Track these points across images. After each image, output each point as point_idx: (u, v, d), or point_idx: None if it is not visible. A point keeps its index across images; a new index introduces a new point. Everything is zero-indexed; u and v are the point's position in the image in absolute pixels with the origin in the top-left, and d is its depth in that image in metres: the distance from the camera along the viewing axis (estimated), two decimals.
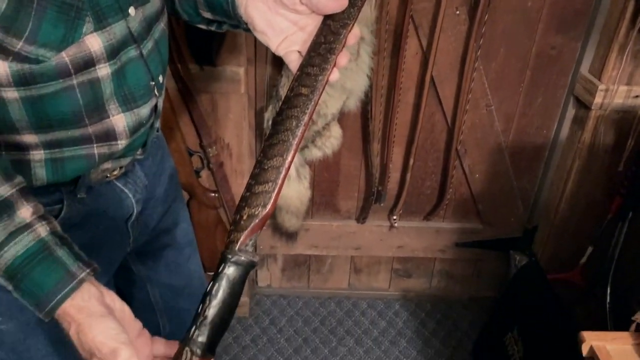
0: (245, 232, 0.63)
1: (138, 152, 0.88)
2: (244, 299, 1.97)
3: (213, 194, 1.69)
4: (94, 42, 0.69)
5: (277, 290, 2.10)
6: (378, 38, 1.52)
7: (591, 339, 0.91)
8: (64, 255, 0.66)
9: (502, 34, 1.57)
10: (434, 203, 1.90)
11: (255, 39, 1.56)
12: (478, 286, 2.10)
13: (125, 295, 1.15)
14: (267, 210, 0.63)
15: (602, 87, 1.49)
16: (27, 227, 0.64)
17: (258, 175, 0.65)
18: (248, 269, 0.64)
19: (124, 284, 1.13)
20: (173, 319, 1.22)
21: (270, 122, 1.58)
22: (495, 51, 1.60)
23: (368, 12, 1.42)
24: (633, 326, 1.00)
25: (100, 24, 0.69)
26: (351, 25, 0.70)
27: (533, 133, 1.76)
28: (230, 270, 0.62)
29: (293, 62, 0.75)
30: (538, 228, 1.88)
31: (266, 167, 0.65)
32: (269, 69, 1.62)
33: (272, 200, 0.64)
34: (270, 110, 1.59)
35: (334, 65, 0.70)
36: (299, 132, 0.66)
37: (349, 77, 1.49)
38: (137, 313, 1.20)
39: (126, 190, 0.89)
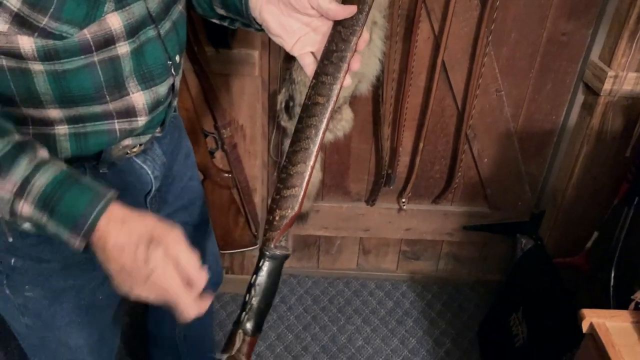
0: (279, 231, 0.74)
1: (157, 130, 0.91)
2: None
3: (227, 175, 1.73)
4: (114, 21, 0.72)
5: (287, 270, 2.14)
6: (390, 22, 1.55)
7: (591, 316, 0.95)
8: (89, 182, 0.70)
9: (514, 20, 1.59)
10: (443, 186, 1.93)
11: None
12: (484, 269, 2.13)
13: None
14: (296, 211, 0.73)
15: (611, 73, 1.51)
16: (49, 161, 0.68)
17: (285, 180, 0.74)
18: (283, 261, 0.75)
19: None
20: None
21: (283, 105, 1.62)
22: (506, 36, 1.62)
23: None
24: (632, 304, 1.03)
25: (120, 4, 0.72)
26: (360, 31, 0.74)
27: (542, 119, 1.78)
28: (268, 264, 0.74)
29: (308, 65, 0.80)
30: (545, 213, 1.91)
31: (292, 173, 0.74)
32: (283, 52, 1.65)
33: (299, 203, 0.74)
34: (283, 93, 1.62)
35: (347, 72, 0.75)
36: (318, 140, 0.73)
37: (361, 61, 1.51)
38: None
39: (145, 167, 0.93)
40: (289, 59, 1.61)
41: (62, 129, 0.77)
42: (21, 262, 0.87)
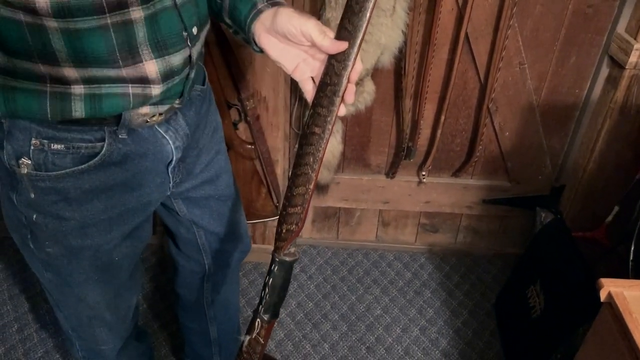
0: (285, 242, 0.88)
1: (176, 102, 0.92)
2: None
3: (249, 146, 1.76)
4: None
5: (307, 241, 2.19)
6: None
7: (609, 285, 0.96)
8: None
9: None
10: (463, 160, 1.94)
11: None
12: (503, 242, 2.15)
13: (174, 233, 1.24)
14: (299, 227, 0.87)
15: (637, 46, 1.49)
16: None
17: (290, 198, 0.86)
18: (291, 265, 0.91)
19: (173, 224, 1.21)
20: (218, 260, 1.30)
21: None
22: (531, 8, 1.60)
23: None
24: None
25: None
26: (351, 66, 0.78)
27: (565, 92, 1.77)
28: (278, 268, 0.90)
29: (308, 92, 0.85)
30: (565, 187, 1.91)
31: (295, 193, 0.85)
32: None
33: (301, 220, 0.86)
34: None
35: (341, 104, 0.80)
36: (316, 166, 0.82)
37: (384, 33, 1.51)
38: (185, 250, 1.30)
39: (167, 137, 0.95)
40: None
41: (77, 89, 0.78)
42: (42, 218, 0.90)
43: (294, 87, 1.78)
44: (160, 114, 0.90)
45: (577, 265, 1.61)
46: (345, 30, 0.77)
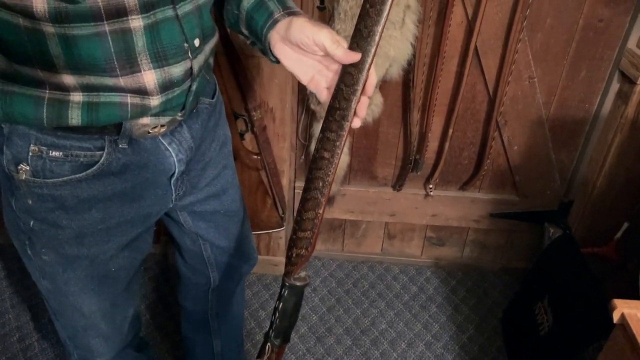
0: (296, 266, 0.87)
1: (179, 114, 0.90)
2: (280, 258, 2.04)
3: (255, 156, 1.74)
4: None
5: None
6: (424, 6, 1.54)
7: (622, 307, 0.94)
8: None
9: (549, 5, 1.56)
10: (471, 173, 1.92)
11: (302, 5, 1.59)
12: (510, 257, 2.13)
13: (179, 244, 1.23)
14: (309, 251, 0.86)
15: None
16: None
17: (300, 222, 0.85)
18: (302, 290, 0.90)
19: (179, 236, 1.20)
20: (223, 273, 1.29)
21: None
22: (541, 22, 1.59)
23: None
24: None
25: None
26: (360, 91, 0.78)
27: (575, 106, 1.75)
28: (289, 293, 0.90)
29: (325, 102, 0.84)
30: (574, 202, 1.89)
31: (304, 218, 0.84)
32: None
33: (311, 245, 0.85)
34: None
35: (349, 130, 0.80)
36: (325, 191, 0.82)
37: (392, 45, 1.51)
38: (190, 262, 1.28)
39: (170, 149, 0.93)
40: None
41: (76, 96, 0.77)
42: (38, 225, 0.89)
43: (301, 98, 1.77)
44: (163, 126, 0.89)
45: (586, 281, 1.59)
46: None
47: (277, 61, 0.88)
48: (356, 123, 0.81)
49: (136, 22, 0.74)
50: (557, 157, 1.85)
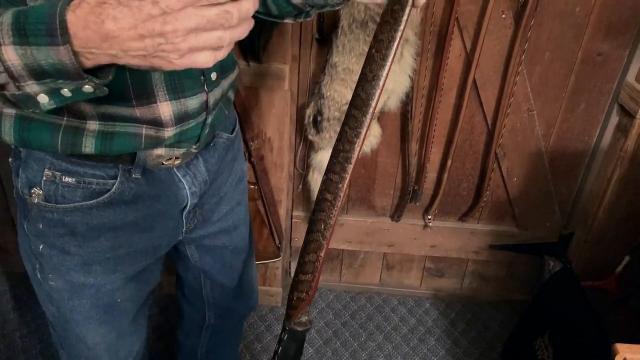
0: (297, 310, 0.86)
1: (193, 146, 0.90)
2: (277, 289, 2.02)
3: (253, 186, 1.73)
4: None
5: None
6: (422, 39, 1.54)
7: (625, 351, 0.92)
8: None
9: (548, 38, 1.56)
10: (470, 204, 1.90)
11: (301, 37, 1.59)
12: (510, 288, 2.10)
13: (181, 277, 1.21)
14: (309, 295, 0.85)
15: None
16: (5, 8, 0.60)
17: (301, 265, 0.84)
18: (303, 335, 0.88)
19: (182, 268, 1.18)
20: (220, 314, 1.27)
21: (310, 119, 1.62)
22: (540, 55, 1.59)
23: (414, 13, 1.44)
24: None
25: None
26: (363, 134, 0.77)
27: (574, 139, 1.75)
28: (288, 338, 0.88)
29: None
30: (574, 234, 1.87)
31: (306, 260, 0.83)
32: (313, 67, 1.65)
33: (312, 289, 0.84)
34: (311, 107, 1.62)
35: (351, 171, 0.79)
36: (327, 234, 0.81)
37: (390, 78, 1.49)
38: (189, 296, 1.26)
39: (184, 181, 0.93)
40: (318, 74, 1.61)
41: (92, 124, 0.77)
42: (47, 250, 0.89)
43: (300, 126, 1.76)
44: (177, 158, 0.88)
45: (586, 317, 1.56)
46: (359, 97, 0.76)
47: (340, 1, 0.84)
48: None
49: None
50: (557, 189, 1.84)
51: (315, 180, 1.76)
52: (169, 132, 0.82)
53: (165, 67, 0.57)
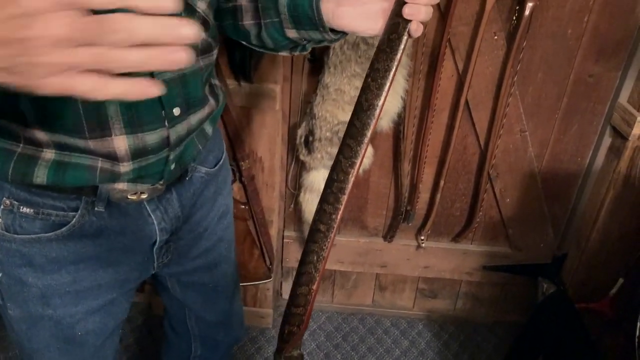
0: (288, 344, 0.82)
1: (159, 183, 0.85)
2: (267, 310, 1.99)
3: (243, 206, 1.71)
4: None
5: None
6: (414, 60, 1.53)
7: None
8: None
9: (540, 60, 1.56)
10: (463, 225, 1.89)
11: (293, 57, 1.58)
12: (504, 310, 2.08)
13: (166, 307, 1.17)
14: (301, 329, 0.81)
15: None
16: None
17: (293, 297, 0.81)
18: None
19: (166, 299, 1.15)
20: (206, 346, 1.23)
21: (302, 139, 1.61)
22: (532, 76, 1.59)
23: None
24: None
25: None
26: (358, 164, 0.76)
27: (567, 160, 1.74)
28: None
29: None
30: (568, 255, 1.85)
31: (298, 293, 0.80)
32: (305, 87, 1.64)
33: (304, 322, 0.81)
34: (303, 127, 1.60)
35: (346, 201, 0.77)
36: (320, 266, 0.78)
37: None
38: (175, 326, 1.22)
39: (153, 216, 0.89)
40: (310, 94, 1.60)
41: (48, 153, 0.74)
42: (6, 279, 0.86)
43: (291, 146, 1.75)
44: (143, 192, 0.84)
45: (581, 339, 1.54)
46: (354, 126, 0.75)
47: (341, 35, 0.81)
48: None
49: None
50: (550, 210, 1.83)
51: (307, 200, 1.74)
52: (125, 167, 0.78)
53: (34, 88, 0.44)
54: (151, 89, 0.45)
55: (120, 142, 0.75)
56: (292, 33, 0.85)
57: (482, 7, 1.44)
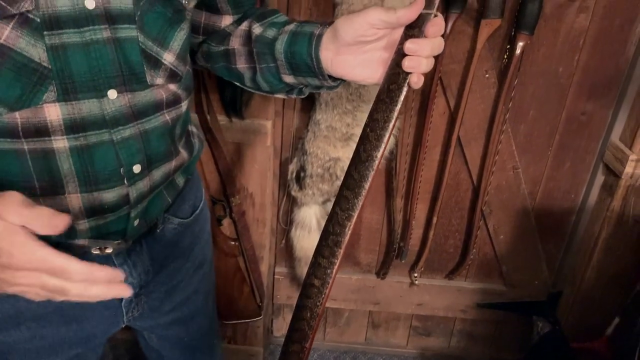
0: None
1: (118, 242, 0.81)
2: (258, 348, 1.94)
3: (233, 242, 1.68)
4: (52, 112, 0.65)
5: None
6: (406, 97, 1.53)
7: None
8: None
9: (532, 98, 1.56)
10: (457, 262, 1.86)
11: None
12: (499, 348, 2.04)
13: (145, 354, 1.14)
14: None
15: (633, 157, 1.46)
16: None
17: (285, 355, 0.79)
18: None
19: (144, 346, 1.11)
20: None
21: (293, 175, 1.59)
22: (524, 114, 1.59)
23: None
24: None
25: (66, 96, 0.66)
26: (355, 217, 0.73)
27: (560, 197, 1.73)
28: None
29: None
30: (563, 293, 1.83)
31: (290, 350, 0.78)
32: (296, 122, 1.64)
33: None
34: (294, 163, 1.59)
35: (342, 255, 0.73)
36: (313, 323, 0.75)
37: None
38: None
39: (120, 270, 0.86)
40: (302, 129, 1.59)
41: None
42: None
43: (283, 181, 1.74)
44: (107, 248, 0.80)
45: None
46: (352, 178, 0.72)
47: (340, 82, 0.80)
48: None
49: (60, 143, 0.67)
50: (544, 247, 1.81)
51: (299, 236, 1.71)
52: (80, 225, 0.74)
53: None
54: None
55: (74, 201, 0.72)
56: (289, 78, 0.83)
57: (473, 45, 1.45)
